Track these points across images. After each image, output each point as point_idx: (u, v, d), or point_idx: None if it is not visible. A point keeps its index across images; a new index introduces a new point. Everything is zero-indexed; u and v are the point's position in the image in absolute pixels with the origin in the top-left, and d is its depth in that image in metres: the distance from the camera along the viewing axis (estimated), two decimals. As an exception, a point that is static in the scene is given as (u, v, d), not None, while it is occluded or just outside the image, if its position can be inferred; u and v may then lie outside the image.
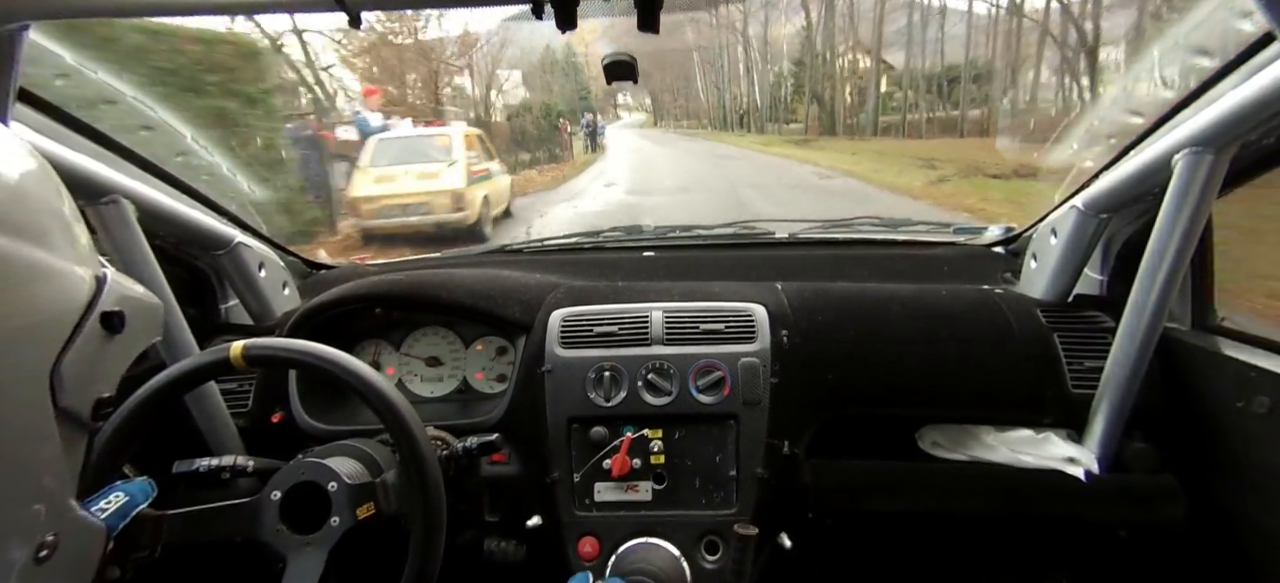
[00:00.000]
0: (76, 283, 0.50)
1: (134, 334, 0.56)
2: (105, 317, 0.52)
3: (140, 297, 0.58)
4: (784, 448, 1.11)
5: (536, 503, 1.12)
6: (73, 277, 0.50)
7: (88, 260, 0.53)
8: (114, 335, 0.53)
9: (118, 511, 0.68)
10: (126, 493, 0.70)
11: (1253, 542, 1.03)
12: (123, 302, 0.54)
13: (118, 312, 0.53)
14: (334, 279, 1.54)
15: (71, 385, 0.48)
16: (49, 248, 0.48)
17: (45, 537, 0.48)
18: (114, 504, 0.69)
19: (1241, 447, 1.02)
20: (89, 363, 0.50)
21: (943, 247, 1.53)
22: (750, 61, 30.70)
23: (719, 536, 1.07)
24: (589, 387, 1.13)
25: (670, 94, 51.02)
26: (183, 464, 0.89)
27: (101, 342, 0.52)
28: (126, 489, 0.71)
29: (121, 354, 0.55)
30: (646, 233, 1.72)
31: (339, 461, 0.84)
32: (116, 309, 0.53)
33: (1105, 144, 1.20)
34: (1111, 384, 1.07)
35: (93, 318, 0.51)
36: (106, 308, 0.52)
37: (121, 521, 0.69)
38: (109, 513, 0.67)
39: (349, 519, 0.79)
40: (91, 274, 0.52)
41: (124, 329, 0.53)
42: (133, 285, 0.58)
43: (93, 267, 0.53)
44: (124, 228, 1.00)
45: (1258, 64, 0.83)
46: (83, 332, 0.49)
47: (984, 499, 1.13)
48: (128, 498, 0.70)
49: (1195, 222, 0.93)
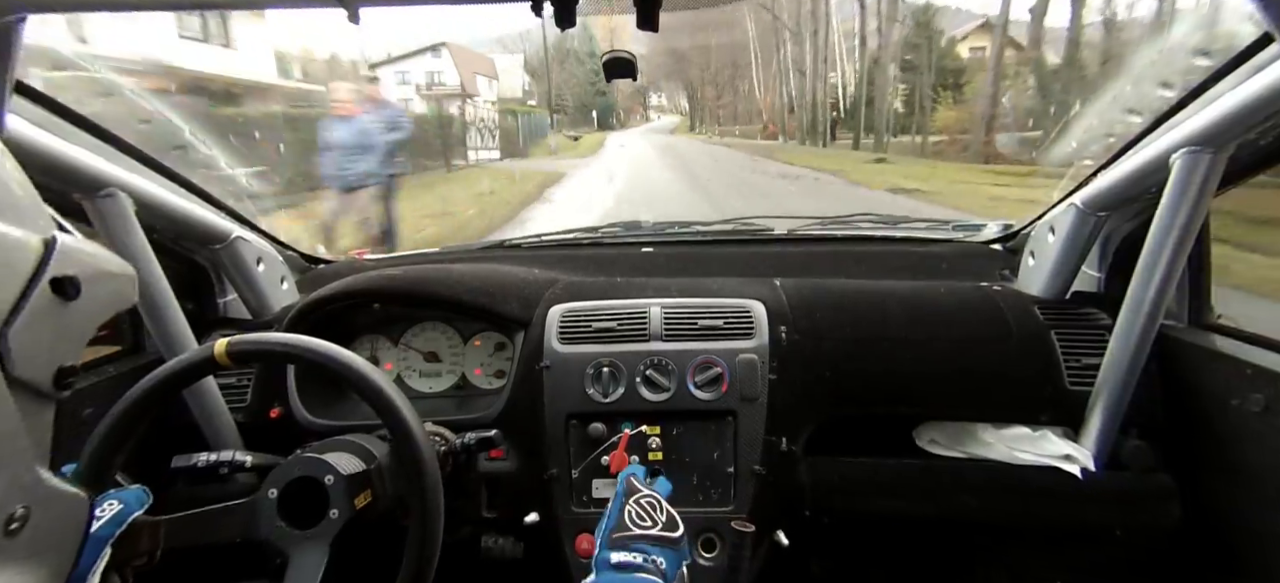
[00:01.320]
0: (20, 248, 0.48)
1: (94, 300, 0.54)
2: (56, 282, 0.50)
3: (100, 262, 0.56)
4: (782, 445, 1.11)
5: (534, 499, 1.12)
6: (14, 241, 0.48)
7: (32, 223, 0.50)
8: (69, 302, 0.51)
9: (113, 519, 0.69)
10: (121, 501, 0.70)
11: (1247, 539, 1.03)
12: (77, 266, 0.52)
13: (70, 276, 0.51)
14: (332, 274, 1.53)
15: (24, 355, 0.47)
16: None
17: (14, 509, 0.48)
18: (109, 512, 0.69)
19: (1237, 444, 1.02)
20: (43, 330, 0.48)
21: (941, 244, 1.53)
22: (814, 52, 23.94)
23: (716, 533, 1.07)
24: (587, 383, 1.13)
25: (713, 87, 43.48)
26: (181, 459, 0.89)
27: (55, 308, 0.50)
28: (121, 497, 0.71)
29: (80, 322, 0.54)
30: (645, 229, 1.72)
31: (335, 455, 0.84)
32: (70, 274, 0.51)
33: (1104, 143, 1.20)
34: (1108, 381, 1.07)
35: (41, 284, 0.49)
36: (57, 274, 0.50)
37: (117, 528, 0.69)
38: (103, 521, 0.68)
39: (347, 511, 0.79)
40: (38, 238, 0.50)
41: (80, 295, 0.51)
42: (94, 250, 0.55)
43: (40, 230, 0.51)
44: (121, 221, 1.00)
45: (1256, 64, 0.83)
46: (31, 298, 0.48)
47: (980, 497, 1.14)
48: (122, 506, 0.70)
49: (1193, 220, 0.93)
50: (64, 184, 0.95)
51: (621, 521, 0.82)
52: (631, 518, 0.82)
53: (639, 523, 0.82)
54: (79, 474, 0.73)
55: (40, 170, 0.90)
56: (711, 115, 44.98)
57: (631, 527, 0.81)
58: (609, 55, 0.84)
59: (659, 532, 0.81)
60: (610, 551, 0.78)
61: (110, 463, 0.76)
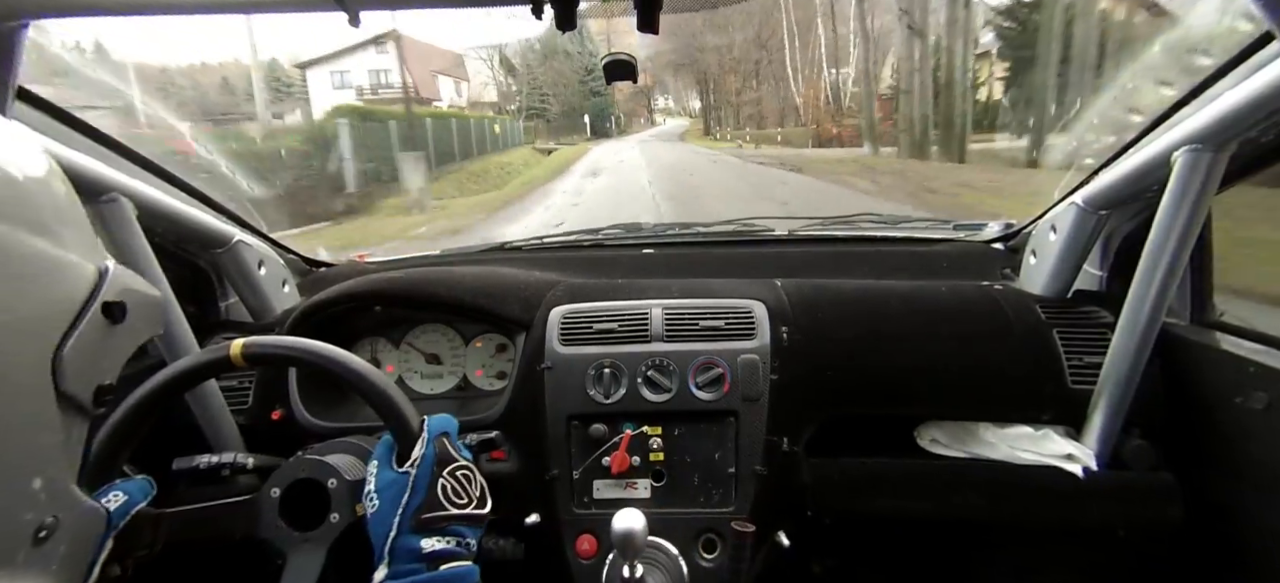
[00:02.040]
0: (79, 273, 0.52)
1: (135, 325, 0.57)
2: (107, 307, 0.53)
3: (142, 289, 0.60)
4: (783, 445, 1.11)
5: (535, 500, 1.12)
6: (75, 267, 0.52)
7: (90, 252, 0.55)
8: (115, 325, 0.54)
9: (117, 510, 0.70)
10: (125, 492, 0.71)
11: (1250, 537, 1.03)
12: (124, 293, 0.56)
13: (119, 302, 0.54)
14: (333, 277, 1.54)
15: (73, 372, 0.49)
16: (51, 239, 0.50)
17: (45, 518, 0.50)
18: (114, 503, 0.70)
19: (1240, 442, 1.02)
20: (91, 351, 0.51)
21: (942, 243, 1.53)
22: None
23: (717, 534, 1.07)
24: (588, 384, 1.13)
25: (736, 76, 33.38)
26: (183, 461, 0.89)
27: (103, 331, 0.53)
28: (125, 488, 0.72)
29: (123, 344, 0.57)
30: (646, 230, 1.72)
31: (338, 458, 0.85)
32: (118, 300, 0.54)
33: (1105, 141, 1.20)
34: (1110, 380, 1.07)
35: (95, 307, 0.52)
36: (108, 298, 0.53)
37: (121, 518, 0.70)
38: (110, 511, 0.68)
39: (348, 516, 0.79)
40: (94, 266, 0.54)
41: (125, 319, 0.55)
42: (134, 278, 0.59)
43: (95, 258, 0.55)
44: (123, 226, 1.00)
45: (1257, 63, 0.83)
46: (85, 320, 0.51)
47: (983, 496, 1.14)
48: (127, 497, 0.71)
49: (1194, 218, 0.93)
50: None
51: (433, 497, 0.69)
52: (445, 494, 0.70)
53: (454, 501, 0.71)
54: (89, 470, 0.73)
55: None
56: (733, 114, 35.56)
57: (446, 505, 0.69)
58: (608, 57, 0.83)
59: (473, 510, 0.71)
60: (419, 537, 0.66)
61: (118, 456, 0.77)
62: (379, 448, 0.76)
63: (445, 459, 0.73)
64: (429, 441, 0.74)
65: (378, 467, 0.73)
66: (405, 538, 0.66)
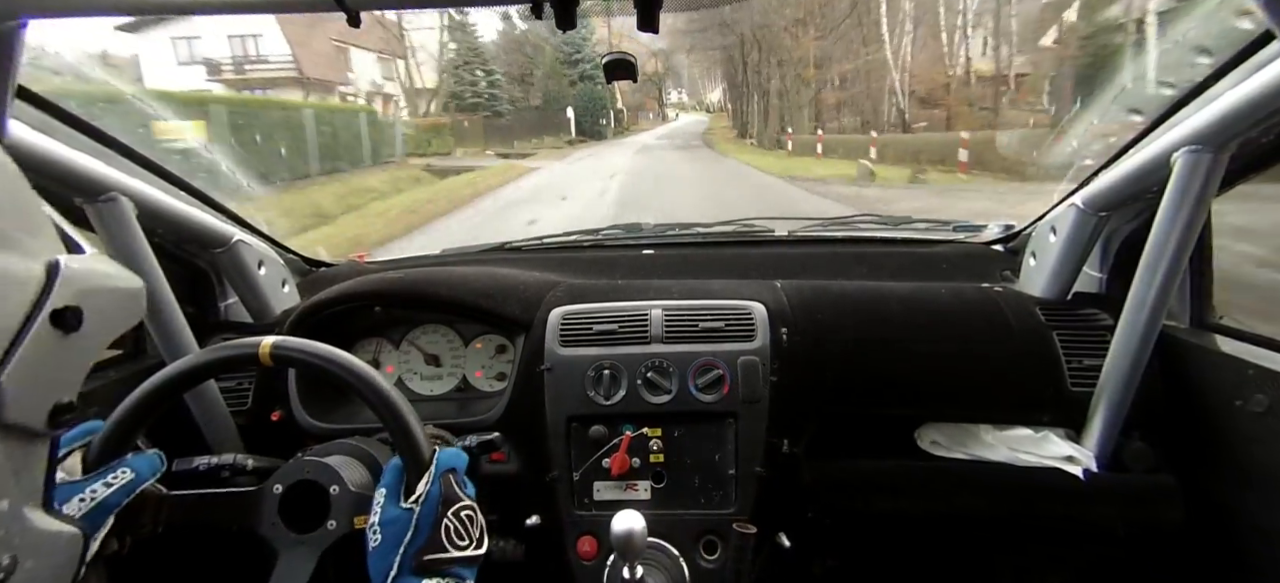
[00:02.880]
0: (19, 282, 0.44)
1: (98, 326, 0.49)
2: (57, 314, 0.45)
3: (104, 284, 0.51)
4: (783, 446, 1.11)
5: (535, 502, 1.12)
6: (15, 275, 0.44)
7: (37, 252, 0.46)
8: (69, 334, 0.46)
9: (122, 488, 0.70)
10: (133, 470, 0.72)
11: (1250, 540, 1.03)
12: (81, 295, 0.47)
13: (73, 307, 0.46)
14: (333, 277, 1.53)
15: (18, 397, 0.43)
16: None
17: (2, 558, 0.44)
18: (119, 481, 0.70)
19: (1239, 445, 1.02)
20: (39, 369, 0.44)
21: (942, 245, 1.53)
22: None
23: (718, 535, 1.07)
24: (588, 385, 1.13)
25: (805, 36, 18.28)
26: (182, 463, 0.89)
27: (54, 343, 0.45)
28: (134, 465, 0.72)
29: (81, 353, 0.49)
30: (646, 231, 1.72)
31: (343, 461, 0.84)
32: (72, 305, 0.46)
33: (1104, 142, 1.20)
34: (1110, 382, 1.07)
35: (41, 319, 0.44)
36: (58, 305, 0.45)
37: (125, 498, 0.70)
38: (114, 489, 0.69)
39: (345, 526, 0.79)
40: (39, 266, 0.45)
41: (82, 325, 0.47)
42: (97, 270, 0.50)
43: (41, 255, 0.46)
44: (123, 225, 1.00)
45: (1257, 63, 0.83)
46: (28, 336, 0.43)
47: (983, 498, 1.14)
48: (134, 475, 0.71)
49: (1194, 220, 0.93)
50: (65, 189, 0.95)
51: (435, 537, 0.69)
52: (449, 536, 0.69)
53: (456, 543, 0.70)
54: (102, 441, 0.74)
55: (42, 175, 0.90)
56: (794, 104, 20.87)
57: (448, 548, 0.69)
58: (609, 56, 0.82)
59: (472, 551, 0.70)
60: (418, 578, 0.66)
61: (132, 434, 0.77)
62: (388, 474, 0.75)
63: (451, 499, 0.73)
64: (436, 477, 0.73)
65: (385, 498, 0.72)
66: (405, 579, 0.66)
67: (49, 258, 0.46)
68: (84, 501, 0.67)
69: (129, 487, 0.71)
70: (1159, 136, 0.97)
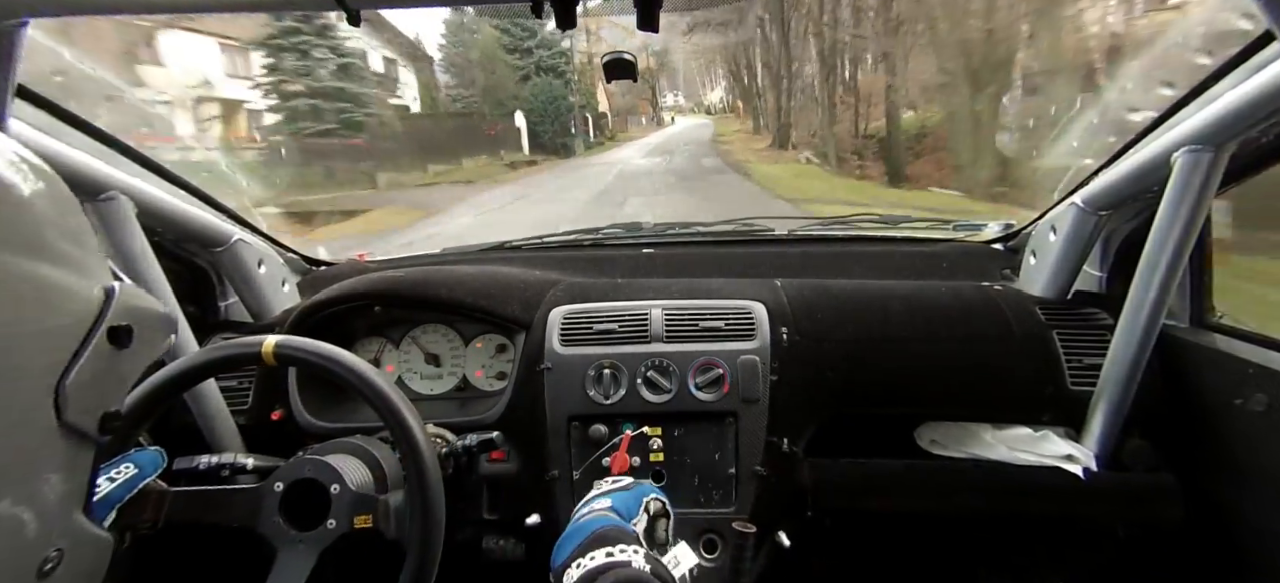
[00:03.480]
0: (83, 298, 0.50)
1: (142, 346, 0.55)
2: (113, 331, 0.51)
3: (149, 307, 0.57)
4: (783, 445, 1.11)
5: (536, 501, 1.12)
6: (80, 292, 0.50)
7: (96, 274, 0.52)
8: (121, 349, 0.52)
9: (125, 482, 0.72)
10: (136, 465, 0.73)
11: (1250, 538, 1.03)
12: (130, 314, 0.53)
13: (126, 326, 0.52)
14: (333, 276, 1.53)
15: (77, 401, 0.48)
16: (55, 263, 0.47)
17: (49, 551, 0.48)
18: (123, 476, 0.72)
19: (1239, 443, 1.02)
20: (96, 378, 0.49)
21: (942, 244, 1.53)
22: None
23: (717, 534, 1.07)
24: (589, 384, 1.13)
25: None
26: (183, 461, 0.90)
27: (108, 356, 0.51)
28: (137, 460, 0.74)
29: (129, 367, 0.55)
30: (646, 230, 1.72)
31: (345, 460, 0.84)
32: (124, 324, 0.52)
33: (1104, 142, 1.20)
34: (1110, 381, 1.07)
35: (100, 333, 0.50)
36: (114, 322, 0.51)
37: (127, 492, 0.72)
38: (117, 484, 0.71)
39: (345, 525, 0.79)
40: (100, 288, 0.52)
41: (132, 343, 0.53)
42: (140, 295, 0.57)
43: (101, 279, 0.52)
44: (123, 225, 1.00)
45: (1257, 63, 0.83)
46: (89, 347, 0.49)
47: (983, 498, 1.14)
48: (137, 470, 0.73)
49: (1194, 219, 0.93)
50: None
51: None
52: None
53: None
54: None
55: None
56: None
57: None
58: (609, 56, 0.82)
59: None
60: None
61: (136, 429, 0.79)
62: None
63: None
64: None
65: None
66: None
67: (106, 281, 0.52)
68: None
69: (132, 482, 0.72)
70: (1159, 136, 0.98)
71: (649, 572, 0.64)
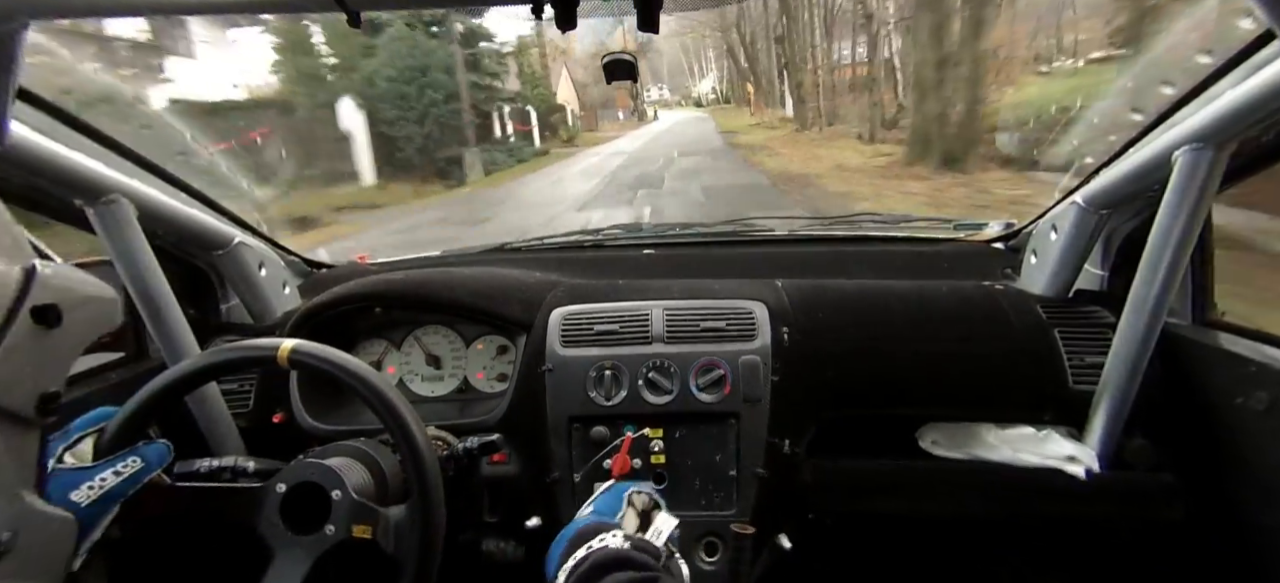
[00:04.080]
0: (0, 280, 0.49)
1: (76, 326, 0.54)
2: (37, 311, 0.50)
3: (82, 289, 0.56)
4: (784, 447, 1.11)
5: (536, 503, 1.12)
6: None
7: (11, 254, 0.51)
8: (51, 329, 0.51)
9: (129, 477, 0.72)
10: (142, 459, 0.74)
11: (1252, 536, 1.03)
12: (60, 295, 0.52)
13: (51, 305, 0.51)
14: (334, 278, 1.53)
15: (4, 384, 0.47)
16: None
17: (1, 534, 0.48)
18: (127, 471, 0.72)
19: (1241, 442, 1.02)
20: (24, 359, 0.49)
21: (942, 243, 1.53)
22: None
23: (718, 537, 1.07)
24: (589, 386, 1.12)
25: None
26: (184, 465, 0.89)
27: (36, 336, 0.50)
28: (143, 454, 0.74)
29: (66, 347, 0.54)
30: (646, 230, 1.72)
31: (347, 464, 0.84)
32: (50, 303, 0.51)
33: (1105, 140, 1.20)
34: (1112, 380, 1.07)
35: (22, 313, 0.49)
36: (38, 302, 0.50)
37: (132, 487, 0.72)
38: (122, 479, 0.71)
39: (343, 532, 0.78)
40: (18, 268, 0.50)
41: (62, 322, 0.52)
42: (72, 275, 0.56)
43: (19, 260, 0.51)
44: (124, 227, 1.00)
45: (1257, 62, 0.83)
46: (11, 329, 0.48)
47: (984, 498, 1.13)
48: (142, 464, 0.74)
49: (1195, 217, 0.93)
50: (66, 190, 0.95)
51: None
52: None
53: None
54: (117, 427, 0.76)
55: (43, 177, 0.90)
56: None
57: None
58: (610, 56, 0.81)
59: None
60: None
61: (145, 424, 0.79)
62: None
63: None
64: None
65: None
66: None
67: (25, 262, 0.51)
68: (93, 488, 0.68)
69: (137, 476, 0.73)
70: (1160, 135, 0.97)
71: (628, 549, 0.69)
